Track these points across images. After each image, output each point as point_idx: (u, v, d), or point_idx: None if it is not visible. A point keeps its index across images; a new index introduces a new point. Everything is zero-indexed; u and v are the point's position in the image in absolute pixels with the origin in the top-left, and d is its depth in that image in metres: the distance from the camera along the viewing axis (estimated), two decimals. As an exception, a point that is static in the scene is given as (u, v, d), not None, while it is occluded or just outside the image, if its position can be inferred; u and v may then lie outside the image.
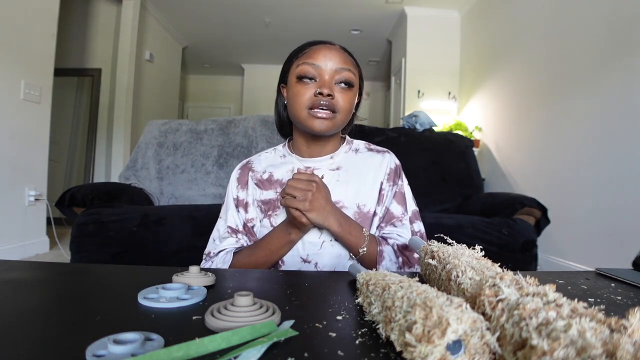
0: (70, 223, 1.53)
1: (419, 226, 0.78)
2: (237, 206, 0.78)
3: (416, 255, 0.71)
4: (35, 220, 2.73)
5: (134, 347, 0.27)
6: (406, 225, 0.76)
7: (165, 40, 5.29)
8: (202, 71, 7.51)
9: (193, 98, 7.74)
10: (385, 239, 0.73)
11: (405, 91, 4.52)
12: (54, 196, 1.86)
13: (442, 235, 0.48)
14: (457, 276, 0.35)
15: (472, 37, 4.23)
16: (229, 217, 0.78)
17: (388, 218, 0.76)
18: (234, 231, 0.77)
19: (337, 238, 0.70)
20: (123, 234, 1.43)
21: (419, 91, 4.47)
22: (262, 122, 2.08)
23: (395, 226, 0.75)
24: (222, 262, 0.72)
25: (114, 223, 1.45)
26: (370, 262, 0.70)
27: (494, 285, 0.28)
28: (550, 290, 0.25)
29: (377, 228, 0.76)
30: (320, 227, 0.69)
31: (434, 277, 0.41)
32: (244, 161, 0.83)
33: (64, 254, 2.74)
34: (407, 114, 3.84)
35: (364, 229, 0.70)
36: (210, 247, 0.77)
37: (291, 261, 0.72)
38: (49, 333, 0.31)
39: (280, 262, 0.73)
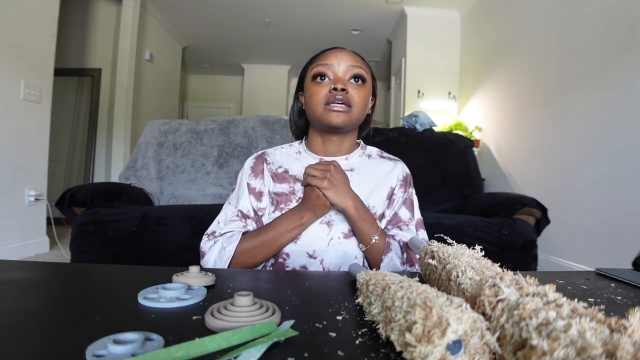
0: (70, 223, 1.53)
1: (423, 234, 0.80)
2: (249, 193, 0.78)
3: (417, 257, 0.72)
4: (35, 220, 2.73)
5: (134, 347, 0.27)
6: (412, 230, 0.78)
7: (165, 40, 5.29)
8: (202, 71, 7.51)
9: (193, 98, 7.74)
10: (392, 235, 0.75)
11: (405, 91, 4.52)
12: (54, 196, 1.86)
13: (442, 235, 0.48)
14: (457, 276, 0.35)
15: (472, 37, 4.23)
16: (241, 202, 0.77)
17: (395, 221, 0.78)
18: (244, 216, 0.76)
19: (350, 223, 0.72)
20: (123, 234, 1.43)
21: (419, 91, 4.47)
22: (262, 122, 2.08)
23: (401, 229, 0.77)
24: (228, 241, 0.71)
25: (114, 223, 1.45)
26: (378, 253, 0.71)
27: (494, 285, 0.28)
28: (550, 290, 0.25)
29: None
30: (338, 210, 0.71)
31: (434, 277, 0.41)
32: (259, 152, 0.83)
33: (64, 254, 2.74)
34: (407, 114, 3.84)
35: (376, 220, 0.73)
36: (215, 228, 0.75)
37: (296, 256, 0.72)
38: (49, 333, 0.31)
39: (285, 255, 0.72)
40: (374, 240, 0.70)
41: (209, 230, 0.76)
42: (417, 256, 0.72)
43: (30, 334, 0.31)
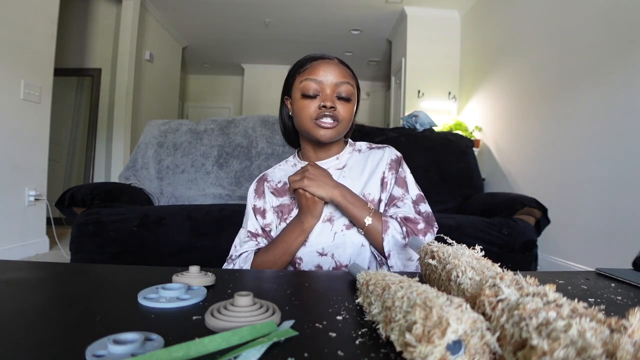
0: (70, 223, 1.53)
1: (425, 207, 0.83)
2: (255, 214, 0.85)
3: (413, 256, 0.73)
4: (35, 220, 2.73)
5: (134, 347, 0.27)
6: (407, 204, 0.80)
7: (165, 40, 5.29)
8: (202, 71, 7.51)
9: (193, 98, 7.74)
10: (389, 215, 0.77)
11: (405, 91, 4.52)
12: (54, 196, 1.86)
13: (442, 235, 0.49)
14: (457, 276, 0.35)
15: (472, 37, 4.23)
16: (249, 224, 0.84)
17: (390, 200, 0.81)
18: (254, 235, 0.83)
19: (342, 211, 0.75)
20: (123, 234, 1.43)
21: (419, 91, 4.47)
22: (262, 122, 2.08)
23: (397, 206, 0.80)
24: (244, 261, 0.77)
25: (114, 223, 1.45)
26: (377, 233, 0.73)
27: (494, 285, 0.28)
28: (550, 290, 0.25)
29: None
30: (327, 201, 0.75)
31: (434, 277, 0.41)
32: (260, 175, 0.91)
33: (64, 254, 2.74)
34: (407, 114, 3.84)
35: (368, 203, 0.76)
36: (232, 251, 0.83)
37: (308, 257, 0.76)
38: (49, 333, 0.31)
39: (298, 260, 0.76)
40: (367, 223, 0.72)
41: (228, 255, 0.82)
42: (415, 256, 0.73)
43: (30, 334, 0.31)
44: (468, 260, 0.36)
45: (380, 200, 0.81)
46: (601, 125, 2.26)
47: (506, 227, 1.49)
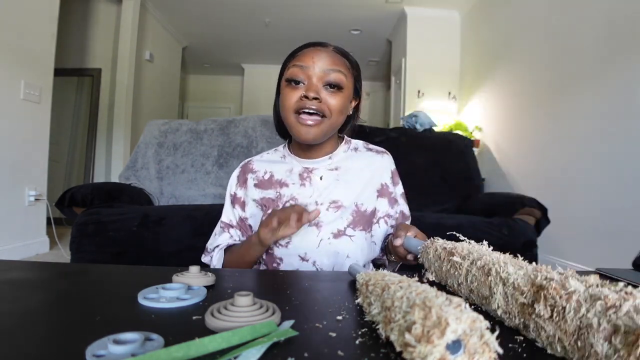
0: (70, 223, 1.53)
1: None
2: (233, 202, 0.81)
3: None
4: (35, 220, 2.73)
5: (134, 347, 0.27)
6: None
7: (165, 40, 5.29)
8: (202, 71, 7.50)
9: (193, 98, 7.73)
10: None
11: (405, 91, 4.52)
12: (54, 196, 1.86)
13: (455, 233, 0.49)
14: (498, 272, 0.35)
15: (472, 37, 4.23)
16: (224, 213, 0.82)
17: (403, 219, 0.81)
18: (227, 226, 0.81)
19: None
20: (123, 234, 1.43)
21: (419, 91, 4.47)
22: (262, 122, 2.08)
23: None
24: (217, 260, 0.77)
25: (114, 223, 1.45)
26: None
27: (552, 279, 0.29)
28: (602, 281, 0.28)
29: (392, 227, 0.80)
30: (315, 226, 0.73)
31: (457, 272, 0.41)
32: (246, 160, 0.85)
33: (64, 254, 2.74)
34: (407, 114, 3.84)
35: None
36: (209, 242, 0.82)
37: (288, 259, 0.73)
38: (49, 333, 0.31)
39: (278, 260, 0.74)
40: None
41: (207, 244, 0.82)
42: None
43: (30, 334, 0.31)
44: (497, 255, 0.37)
45: (375, 210, 0.77)
46: (601, 125, 2.26)
47: (506, 227, 1.49)
